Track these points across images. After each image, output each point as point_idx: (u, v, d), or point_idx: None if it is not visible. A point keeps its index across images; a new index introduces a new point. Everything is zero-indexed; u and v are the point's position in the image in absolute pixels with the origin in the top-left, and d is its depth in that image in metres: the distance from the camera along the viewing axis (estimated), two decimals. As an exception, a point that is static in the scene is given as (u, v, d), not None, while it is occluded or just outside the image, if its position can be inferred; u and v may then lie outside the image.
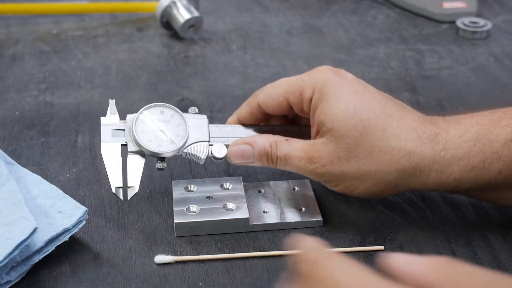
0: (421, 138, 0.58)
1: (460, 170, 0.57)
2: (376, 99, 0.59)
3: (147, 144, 0.60)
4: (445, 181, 0.58)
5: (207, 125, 0.63)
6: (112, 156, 0.60)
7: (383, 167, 0.58)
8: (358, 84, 0.60)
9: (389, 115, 0.58)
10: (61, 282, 0.57)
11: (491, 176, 0.57)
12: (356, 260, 0.59)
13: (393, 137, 0.57)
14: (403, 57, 0.92)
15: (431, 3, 1.02)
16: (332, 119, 0.58)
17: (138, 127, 0.61)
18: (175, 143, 0.61)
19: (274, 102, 0.62)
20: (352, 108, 0.58)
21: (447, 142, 0.57)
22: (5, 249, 0.54)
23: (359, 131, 0.57)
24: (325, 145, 0.59)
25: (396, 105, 0.59)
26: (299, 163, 0.60)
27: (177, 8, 0.94)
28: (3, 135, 0.74)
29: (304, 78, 0.61)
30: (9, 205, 0.58)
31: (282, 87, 0.62)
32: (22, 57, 0.90)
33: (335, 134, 0.58)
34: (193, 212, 0.62)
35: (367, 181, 0.58)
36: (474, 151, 0.57)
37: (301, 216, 0.63)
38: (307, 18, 1.02)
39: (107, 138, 0.61)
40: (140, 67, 0.88)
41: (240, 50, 0.93)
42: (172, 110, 0.63)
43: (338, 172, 0.59)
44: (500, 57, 0.92)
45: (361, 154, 0.58)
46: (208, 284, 0.57)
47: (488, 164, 0.57)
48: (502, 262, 0.59)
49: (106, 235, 0.61)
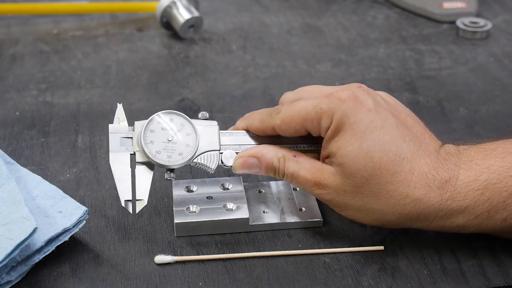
0: (431, 186, 0.57)
1: (464, 218, 0.57)
2: (392, 138, 0.57)
3: (156, 156, 0.59)
4: (448, 226, 0.58)
5: (217, 133, 0.61)
6: (121, 167, 0.59)
7: (387, 209, 0.57)
8: (377, 117, 0.57)
9: (402, 158, 0.57)
10: (61, 282, 0.57)
11: (495, 223, 0.57)
12: (356, 260, 0.59)
13: (402, 182, 0.56)
14: (403, 57, 0.92)
15: (431, 3, 1.02)
16: (343, 156, 0.57)
17: (146, 137, 0.59)
18: (185, 154, 0.60)
19: (291, 130, 0.60)
20: (365, 149, 0.56)
21: (455, 190, 0.57)
22: (5, 249, 0.54)
23: (369, 172, 0.56)
24: (333, 176, 0.58)
25: (412, 143, 0.57)
26: (305, 185, 0.59)
27: (177, 8, 0.94)
28: (3, 135, 0.74)
29: (323, 106, 0.58)
30: (9, 204, 0.58)
31: (299, 114, 0.59)
32: (22, 57, 0.90)
33: (344, 170, 0.57)
34: (193, 212, 0.62)
35: (370, 216, 0.58)
36: (481, 200, 0.56)
37: (301, 216, 0.63)
38: (307, 18, 1.02)
39: (116, 147, 0.59)
40: (140, 67, 0.88)
41: (240, 50, 0.93)
42: (182, 118, 0.61)
43: (342, 203, 0.58)
44: (500, 57, 0.92)
45: (367, 192, 0.57)
46: (208, 284, 0.57)
47: (494, 213, 0.57)
48: (502, 262, 0.59)
49: (106, 235, 0.61)
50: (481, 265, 0.59)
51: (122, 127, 0.61)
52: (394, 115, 0.58)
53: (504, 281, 0.57)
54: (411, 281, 0.57)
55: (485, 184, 0.56)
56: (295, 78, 0.87)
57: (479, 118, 0.79)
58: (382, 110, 0.58)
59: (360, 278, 0.57)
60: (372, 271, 0.58)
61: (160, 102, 0.81)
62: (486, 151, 0.58)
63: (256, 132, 0.62)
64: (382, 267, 0.59)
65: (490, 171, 0.57)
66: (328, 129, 0.58)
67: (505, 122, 0.79)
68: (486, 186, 0.56)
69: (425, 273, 0.58)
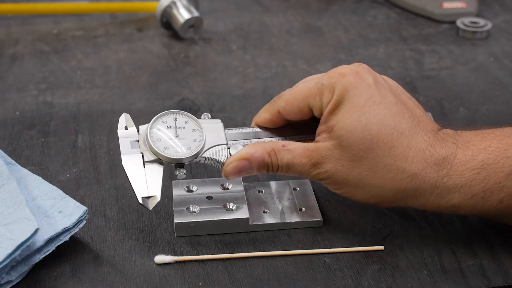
0: (428, 162, 0.57)
1: (460, 197, 0.57)
2: (390, 113, 0.58)
3: (165, 151, 0.59)
4: (444, 205, 0.58)
5: (223, 129, 0.62)
6: (134, 167, 0.59)
7: (384, 184, 0.57)
8: (377, 93, 0.58)
9: (400, 132, 0.57)
10: (61, 282, 0.57)
11: (491, 205, 0.57)
12: (356, 260, 0.59)
13: (399, 156, 0.57)
14: (403, 57, 0.92)
15: (431, 3, 1.02)
16: (342, 128, 0.57)
17: (152, 135, 0.60)
18: (193, 148, 0.60)
19: (295, 109, 0.60)
20: (364, 121, 0.57)
21: (451, 168, 0.57)
22: (6, 249, 0.54)
23: (367, 145, 0.57)
24: (330, 151, 0.58)
25: (410, 120, 0.58)
26: (302, 169, 0.59)
27: (177, 8, 0.94)
28: (3, 135, 0.74)
29: (324, 81, 0.59)
30: (10, 205, 0.58)
31: (302, 92, 0.60)
32: (22, 57, 0.90)
33: (342, 143, 0.57)
34: (193, 212, 0.62)
35: (366, 192, 0.58)
36: (477, 179, 0.57)
37: (301, 216, 0.63)
38: (307, 18, 1.02)
39: (127, 150, 0.60)
40: (140, 67, 0.88)
41: (240, 50, 0.93)
42: (185, 116, 0.61)
43: (340, 179, 0.58)
44: (500, 57, 0.92)
45: (364, 167, 0.57)
46: (208, 284, 0.57)
47: (490, 193, 0.57)
48: (502, 262, 0.59)
49: (106, 235, 0.61)
50: (481, 265, 0.59)
51: (131, 131, 0.61)
52: (393, 94, 0.59)
53: (504, 281, 0.57)
54: (411, 281, 0.57)
55: (481, 164, 0.57)
56: (295, 78, 0.86)
57: (479, 118, 0.79)
58: (382, 87, 0.59)
59: (360, 278, 0.58)
60: (372, 271, 0.58)
61: (160, 102, 0.81)
62: (483, 134, 0.59)
63: (264, 123, 0.63)
64: (382, 267, 0.59)
65: (487, 152, 0.57)
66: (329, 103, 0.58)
67: (505, 122, 0.78)
68: (482, 166, 0.57)
69: (425, 273, 0.58)
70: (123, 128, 0.61)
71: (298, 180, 0.67)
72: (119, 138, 0.61)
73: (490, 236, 0.62)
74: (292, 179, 0.67)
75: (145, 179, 0.58)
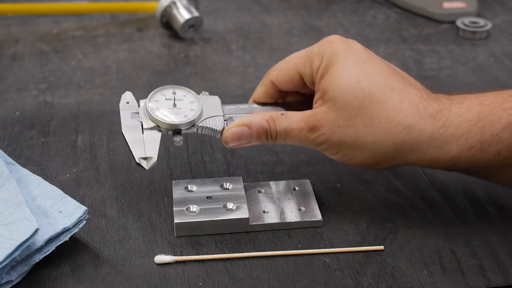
0: (422, 114, 0.58)
1: (458, 148, 0.58)
2: (381, 72, 0.59)
3: (163, 118, 0.61)
4: (442, 158, 0.58)
5: (220, 103, 0.64)
6: (133, 134, 0.61)
7: (380, 139, 0.58)
8: (366, 55, 0.61)
9: (392, 88, 0.59)
10: (61, 282, 0.57)
11: (489, 157, 0.57)
12: (356, 260, 0.59)
13: (393, 110, 0.58)
14: (403, 57, 0.92)
15: (431, 3, 1.02)
16: (334, 88, 0.59)
17: (152, 105, 0.62)
18: (190, 116, 0.62)
19: (286, 77, 0.63)
20: (355, 79, 0.58)
21: (447, 120, 0.58)
22: (6, 249, 0.54)
23: (360, 102, 0.58)
24: (325, 114, 0.59)
25: (401, 79, 0.60)
26: (299, 134, 0.60)
27: (177, 8, 0.94)
28: (3, 135, 0.74)
29: (314, 49, 0.62)
30: (10, 205, 0.58)
31: (292, 61, 0.63)
32: (22, 57, 0.90)
33: (336, 103, 0.59)
34: (193, 212, 0.62)
35: (364, 151, 0.59)
36: (473, 131, 0.57)
37: (301, 216, 0.63)
38: (307, 18, 1.02)
39: (127, 120, 0.62)
40: (140, 67, 0.88)
41: (240, 50, 0.93)
42: (184, 90, 0.64)
43: (337, 141, 0.59)
44: (500, 57, 0.92)
45: (360, 124, 0.58)
46: (208, 284, 0.57)
47: (487, 145, 0.57)
48: (502, 262, 0.59)
49: (106, 235, 0.61)
50: (481, 265, 0.59)
51: (132, 105, 0.64)
52: (382, 60, 0.61)
53: (504, 281, 0.57)
54: (411, 281, 0.57)
55: (477, 116, 0.57)
56: (295, 78, 0.87)
57: (479, 118, 0.79)
58: (370, 53, 0.61)
59: (360, 278, 0.58)
60: (372, 271, 0.58)
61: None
62: (478, 93, 0.60)
63: (260, 97, 0.65)
64: (382, 267, 0.59)
65: (483, 105, 0.58)
66: (319, 68, 0.60)
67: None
68: (478, 117, 0.57)
69: (425, 273, 0.58)
70: (124, 103, 0.64)
71: (298, 180, 0.67)
72: (120, 110, 0.63)
73: (490, 236, 0.62)
74: (292, 179, 0.67)
75: (143, 143, 0.61)
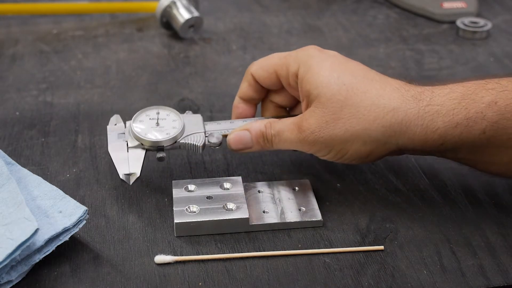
0: (405, 96, 0.60)
1: (445, 125, 0.59)
2: (358, 68, 0.63)
3: (146, 135, 0.65)
4: (431, 137, 0.60)
5: (201, 121, 0.67)
6: (118, 153, 0.65)
7: (369, 125, 0.60)
8: (342, 57, 0.64)
9: (371, 79, 0.62)
10: (61, 282, 0.57)
11: (475, 135, 0.59)
12: (356, 260, 0.59)
13: (376, 96, 0.60)
14: (403, 57, 0.92)
15: (431, 3, 1.02)
16: (317, 86, 0.61)
17: (136, 125, 0.66)
18: (172, 133, 0.65)
19: (265, 74, 0.66)
20: (335, 75, 0.61)
21: (431, 99, 0.60)
22: (6, 249, 0.54)
23: (343, 94, 0.60)
24: (312, 112, 0.62)
25: (379, 74, 0.63)
26: (291, 136, 0.63)
27: (177, 8, 0.94)
28: (3, 135, 0.74)
29: (292, 54, 0.65)
30: (10, 205, 0.58)
31: (273, 60, 0.66)
32: (22, 57, 0.90)
33: (321, 100, 0.61)
34: (193, 212, 0.62)
35: (356, 142, 0.61)
36: (458, 108, 0.59)
37: (301, 216, 0.63)
38: (307, 18, 1.02)
39: (113, 140, 0.66)
40: (140, 67, 0.88)
41: (240, 50, 0.93)
42: (167, 110, 0.68)
43: (327, 137, 0.61)
44: (500, 57, 0.92)
45: (347, 116, 0.60)
46: (208, 284, 0.57)
47: (472, 122, 0.58)
48: (502, 262, 0.59)
49: (106, 235, 0.61)
50: (481, 265, 0.59)
51: (119, 127, 0.68)
52: (358, 62, 0.64)
53: (504, 281, 0.57)
54: (411, 281, 0.57)
55: (461, 95, 0.60)
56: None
57: (479, 118, 0.79)
58: (347, 58, 0.64)
59: (360, 278, 0.58)
60: (372, 271, 0.58)
61: (160, 102, 0.81)
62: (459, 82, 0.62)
63: (244, 93, 0.68)
64: (382, 267, 0.59)
65: (466, 87, 0.60)
66: (296, 74, 0.64)
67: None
68: (462, 96, 0.59)
69: (425, 273, 0.58)
70: (113, 124, 0.68)
71: (298, 180, 0.67)
72: (108, 132, 0.67)
73: (490, 236, 0.62)
74: (292, 179, 0.67)
75: (127, 161, 0.64)
